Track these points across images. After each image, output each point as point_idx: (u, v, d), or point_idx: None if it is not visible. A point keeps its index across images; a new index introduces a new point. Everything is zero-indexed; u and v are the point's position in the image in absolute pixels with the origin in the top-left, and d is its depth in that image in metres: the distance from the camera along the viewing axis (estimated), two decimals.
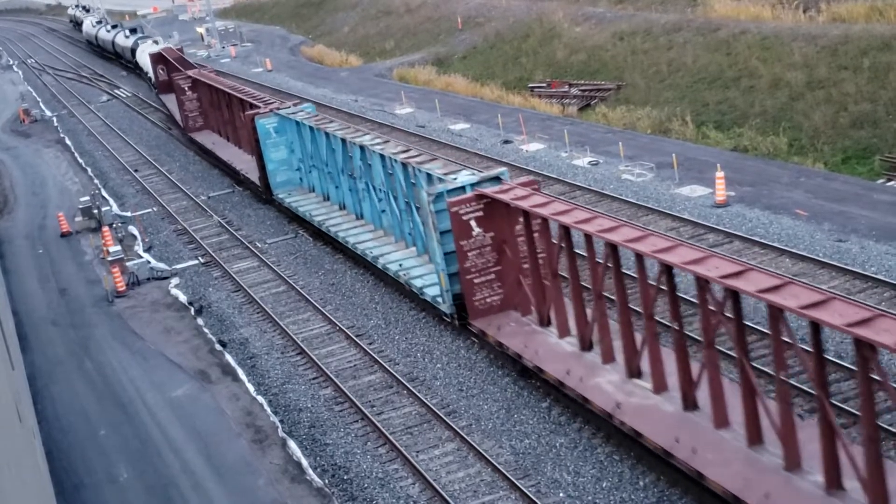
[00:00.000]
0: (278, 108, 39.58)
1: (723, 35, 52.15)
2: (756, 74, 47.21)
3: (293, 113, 38.57)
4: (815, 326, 15.57)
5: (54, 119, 69.33)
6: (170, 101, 60.79)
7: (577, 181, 37.71)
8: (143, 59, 70.76)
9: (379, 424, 23.37)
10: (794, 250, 28.58)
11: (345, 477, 21.82)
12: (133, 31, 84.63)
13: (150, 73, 67.17)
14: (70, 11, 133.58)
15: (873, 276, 26.27)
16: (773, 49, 48.09)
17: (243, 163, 44.38)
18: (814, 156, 39.42)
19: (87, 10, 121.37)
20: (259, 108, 40.47)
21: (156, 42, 73.14)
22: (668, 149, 40.27)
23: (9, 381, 23.27)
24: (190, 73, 54.37)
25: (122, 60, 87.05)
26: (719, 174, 33.75)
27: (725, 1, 57.43)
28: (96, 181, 50.34)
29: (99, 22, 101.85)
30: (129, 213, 43.51)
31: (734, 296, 17.28)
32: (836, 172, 37.21)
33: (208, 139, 51.35)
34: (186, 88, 53.22)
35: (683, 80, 51.15)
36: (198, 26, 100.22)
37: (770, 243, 29.33)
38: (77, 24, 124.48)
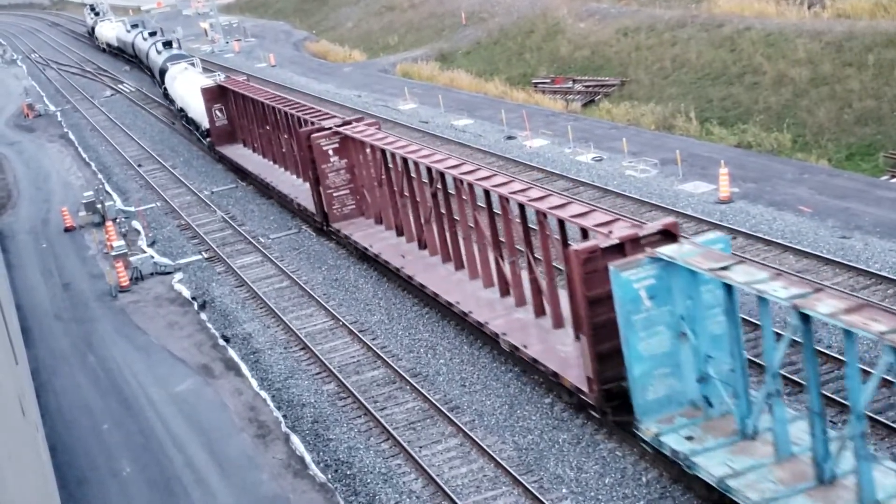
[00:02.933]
0: (651, 245, 19.29)
1: (727, 31, 52.08)
2: (760, 71, 47.16)
3: (714, 266, 17.41)
4: None
5: (58, 114, 69.35)
6: (250, 161, 44.80)
7: (580, 177, 37.68)
8: (178, 88, 55.27)
9: (382, 420, 23.38)
10: (797, 247, 28.55)
11: (348, 472, 21.84)
12: (167, 44, 66.44)
13: (198, 115, 50.37)
14: (87, 12, 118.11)
15: (877, 272, 26.24)
16: (778, 45, 48.02)
17: (502, 320, 24.94)
18: (818, 152, 39.37)
19: (96, 13, 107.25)
20: (594, 229, 20.85)
21: (192, 64, 58.51)
22: (671, 145, 40.24)
23: (12, 375, 23.30)
24: (331, 125, 34.62)
25: (155, 81, 70.57)
26: (723, 170, 33.72)
27: None
28: (100, 176, 50.36)
29: (135, 26, 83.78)
30: (132, 208, 43.54)
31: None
32: (840, 169, 37.16)
33: (388, 247, 31.41)
34: (331, 152, 34.15)
35: (687, 77, 51.09)
36: (201, 21, 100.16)
37: (773, 240, 29.30)
38: (91, 29, 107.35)
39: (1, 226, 44.40)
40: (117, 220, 41.31)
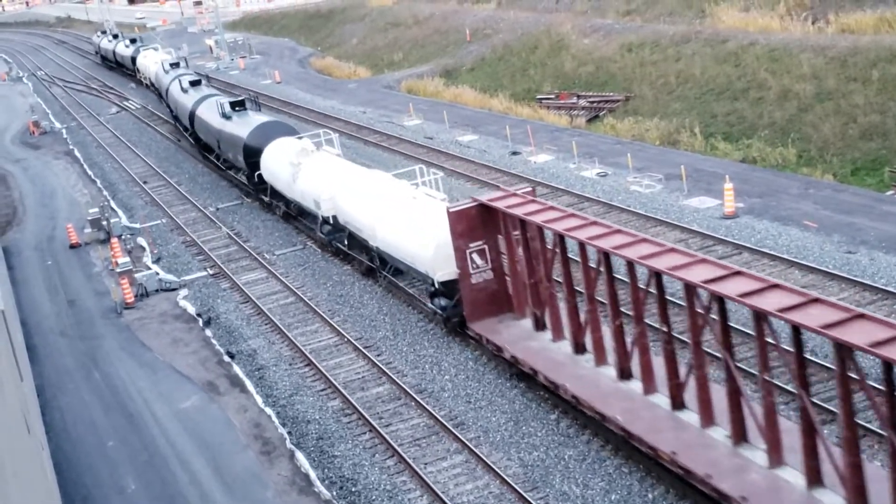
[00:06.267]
0: None
1: (731, 46, 52.14)
2: (765, 86, 47.17)
3: None
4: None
5: (63, 131, 69.55)
6: (587, 384, 21.73)
7: (585, 192, 37.68)
8: (323, 188, 34.42)
9: (387, 436, 23.33)
10: (803, 262, 28.50)
11: (353, 489, 21.77)
12: (238, 105, 44.90)
13: (417, 257, 27.85)
14: (98, 37, 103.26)
15: (883, 287, 26.17)
16: (782, 60, 48.05)
17: None
18: (823, 167, 39.35)
19: (132, 39, 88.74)
20: None
21: (326, 154, 36.76)
22: (676, 160, 40.23)
23: (17, 392, 23.29)
24: None
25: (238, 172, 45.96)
26: (728, 186, 33.69)
27: (734, 12, 57.48)
28: (105, 193, 50.46)
29: (175, 64, 64.00)
30: (137, 225, 43.57)
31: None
32: (846, 184, 37.13)
33: None
34: None
35: (692, 92, 51.13)
36: (207, 38, 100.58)
37: (779, 255, 29.25)
38: (125, 63, 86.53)
39: (7, 242, 44.47)
40: (122, 237, 41.38)
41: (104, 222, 42.24)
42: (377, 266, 32.12)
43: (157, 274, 36.22)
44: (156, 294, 35.15)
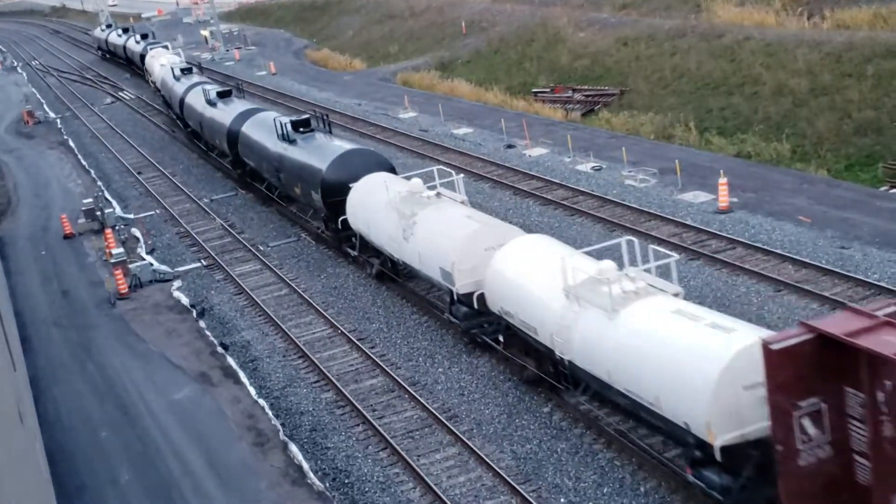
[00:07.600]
0: None
1: (727, 41, 52.16)
2: (760, 81, 47.21)
3: None
4: None
5: (58, 121, 69.42)
6: None
7: (580, 186, 37.71)
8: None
9: (380, 428, 23.37)
10: (796, 257, 28.56)
11: (346, 481, 21.82)
12: (301, 125, 37.19)
13: (677, 405, 17.52)
14: (100, 32, 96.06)
15: (876, 283, 26.25)
16: (777, 55, 48.09)
17: None
18: (817, 162, 39.40)
19: (144, 35, 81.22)
20: None
21: (451, 202, 27.74)
22: (671, 154, 40.25)
23: (10, 382, 23.30)
24: None
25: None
26: (722, 180, 33.75)
27: (729, 7, 57.49)
28: (99, 183, 50.36)
29: (188, 70, 55.74)
30: (131, 216, 43.55)
31: None
32: (839, 179, 37.19)
33: None
34: None
35: (687, 86, 51.15)
36: (202, 29, 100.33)
37: (773, 250, 29.32)
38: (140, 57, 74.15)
39: (1, 232, 44.42)
40: (116, 228, 41.31)
41: (98, 213, 42.19)
42: (565, 385, 21.94)
43: (151, 265, 36.20)
44: (150, 285, 35.12)
